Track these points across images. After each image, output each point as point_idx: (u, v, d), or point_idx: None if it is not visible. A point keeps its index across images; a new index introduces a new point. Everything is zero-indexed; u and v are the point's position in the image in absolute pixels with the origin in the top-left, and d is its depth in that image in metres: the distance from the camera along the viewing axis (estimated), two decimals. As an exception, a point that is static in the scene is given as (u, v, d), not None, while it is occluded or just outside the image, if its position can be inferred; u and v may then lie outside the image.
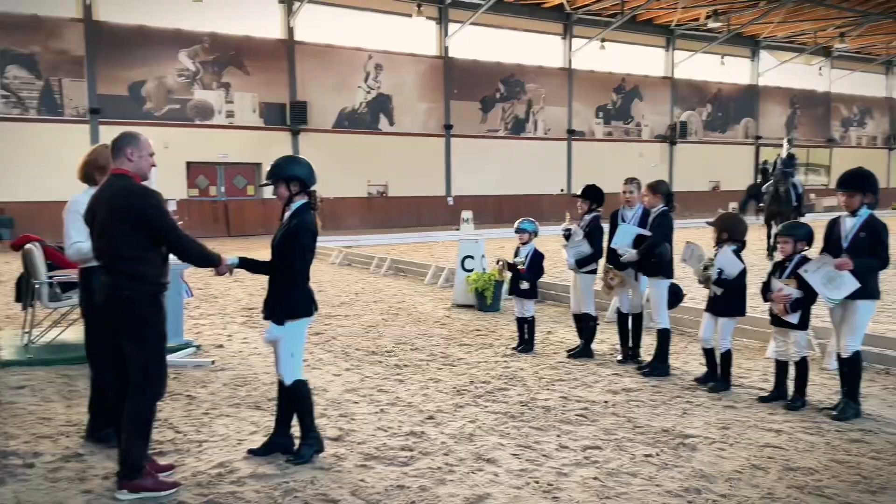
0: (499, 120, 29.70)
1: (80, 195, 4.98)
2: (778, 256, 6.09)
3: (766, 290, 5.80)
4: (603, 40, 30.82)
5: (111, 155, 4.22)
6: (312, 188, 4.60)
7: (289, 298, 4.45)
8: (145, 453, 4.14)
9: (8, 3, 20.45)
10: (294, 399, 4.57)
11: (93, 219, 4.17)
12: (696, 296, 8.81)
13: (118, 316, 4.06)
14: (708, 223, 6.42)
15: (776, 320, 5.75)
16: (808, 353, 5.81)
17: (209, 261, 4.36)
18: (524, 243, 7.57)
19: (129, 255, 4.03)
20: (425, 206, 27.51)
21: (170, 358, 4.92)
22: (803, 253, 5.72)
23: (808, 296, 5.53)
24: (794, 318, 5.61)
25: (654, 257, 6.57)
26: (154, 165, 4.28)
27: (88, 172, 5.02)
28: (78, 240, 4.81)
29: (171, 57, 22.99)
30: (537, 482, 4.27)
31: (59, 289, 7.11)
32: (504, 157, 29.22)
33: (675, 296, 6.74)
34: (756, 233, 12.94)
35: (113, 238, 4.05)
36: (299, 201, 4.55)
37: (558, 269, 12.37)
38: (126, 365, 4.10)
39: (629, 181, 6.98)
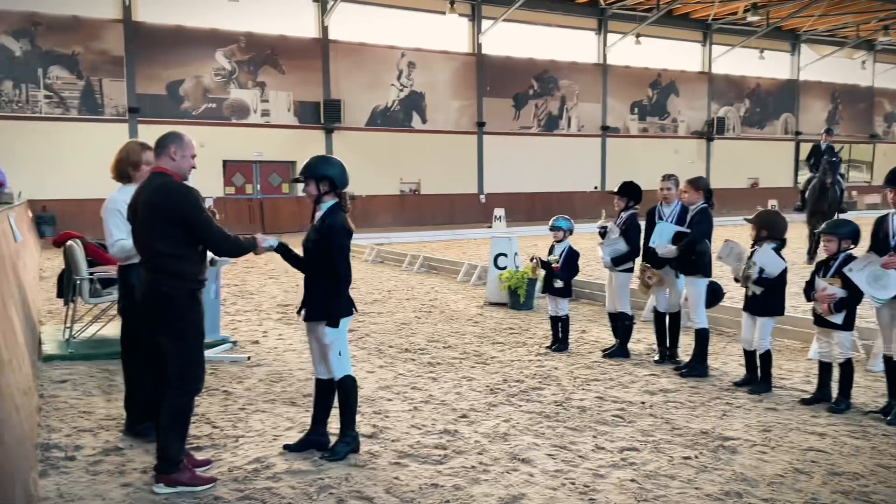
0: (532, 117, 29.53)
1: (116, 193, 5.06)
2: (821, 255, 5.93)
3: (809, 290, 5.65)
4: (638, 35, 30.42)
5: (154, 153, 4.28)
6: (344, 189, 4.61)
7: (338, 299, 4.48)
8: (183, 448, 4.19)
9: (50, 5, 20.96)
10: (342, 392, 4.61)
11: (134, 217, 4.23)
12: (736, 295, 8.63)
13: (156, 312, 4.12)
14: (747, 220, 6.27)
15: (820, 320, 5.60)
16: (853, 354, 5.65)
17: (245, 250, 4.42)
18: (559, 241, 7.49)
19: (169, 252, 4.08)
20: (458, 204, 27.49)
21: (207, 354, 4.97)
22: (849, 251, 5.55)
23: (854, 296, 5.38)
24: (838, 319, 5.46)
25: (694, 255, 6.45)
26: (194, 167, 4.32)
27: (122, 170, 5.09)
28: (120, 237, 4.88)
29: (207, 56, 23.32)
30: (573, 483, 4.22)
31: (100, 285, 7.25)
32: (537, 155, 29.04)
33: (715, 294, 6.61)
34: (795, 231, 12.65)
35: (152, 235, 4.11)
36: (329, 201, 4.56)
37: (593, 267, 12.26)
38: (163, 361, 4.16)
39: (667, 177, 6.87)
